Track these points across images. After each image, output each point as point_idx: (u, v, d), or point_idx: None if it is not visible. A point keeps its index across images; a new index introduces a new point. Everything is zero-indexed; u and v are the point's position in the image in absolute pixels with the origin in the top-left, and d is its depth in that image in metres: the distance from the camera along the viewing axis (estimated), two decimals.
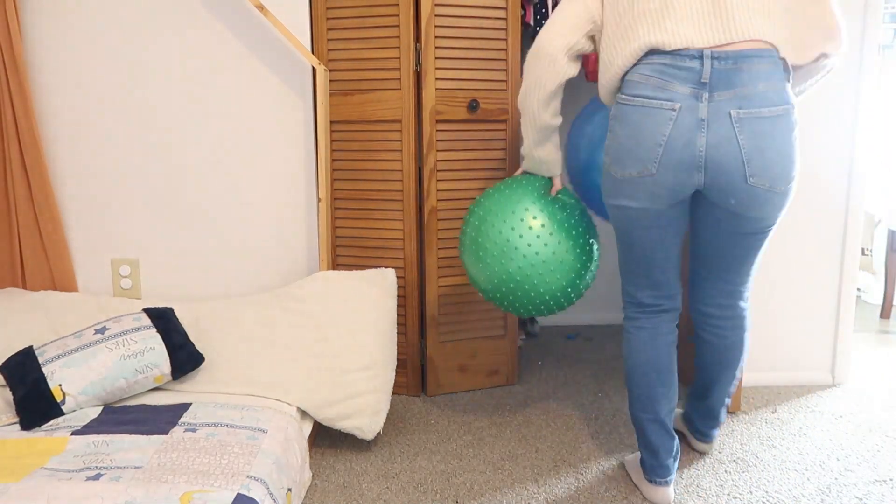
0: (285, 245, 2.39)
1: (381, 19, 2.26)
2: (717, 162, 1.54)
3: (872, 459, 1.98)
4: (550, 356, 2.88)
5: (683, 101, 1.53)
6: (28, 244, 2.27)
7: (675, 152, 1.54)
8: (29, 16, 2.22)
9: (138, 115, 2.29)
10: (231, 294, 2.40)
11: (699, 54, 1.52)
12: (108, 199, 2.33)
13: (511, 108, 2.38)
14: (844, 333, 2.52)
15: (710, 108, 1.52)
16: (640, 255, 1.73)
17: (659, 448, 1.76)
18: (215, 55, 2.27)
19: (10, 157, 2.21)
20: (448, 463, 1.98)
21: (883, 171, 3.75)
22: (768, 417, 2.27)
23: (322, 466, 1.95)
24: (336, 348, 1.99)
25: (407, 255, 2.36)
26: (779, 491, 1.82)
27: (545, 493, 1.81)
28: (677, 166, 1.56)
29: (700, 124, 1.53)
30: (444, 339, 2.44)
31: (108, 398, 1.80)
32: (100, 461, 1.46)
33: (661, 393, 1.77)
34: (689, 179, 1.57)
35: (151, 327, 1.90)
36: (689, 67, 1.53)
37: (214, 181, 2.34)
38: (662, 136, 1.54)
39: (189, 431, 1.61)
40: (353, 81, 2.32)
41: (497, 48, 2.33)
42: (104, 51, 2.25)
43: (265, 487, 1.42)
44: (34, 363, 1.76)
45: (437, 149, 2.32)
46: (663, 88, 1.55)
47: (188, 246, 2.37)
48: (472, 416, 2.29)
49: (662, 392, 1.77)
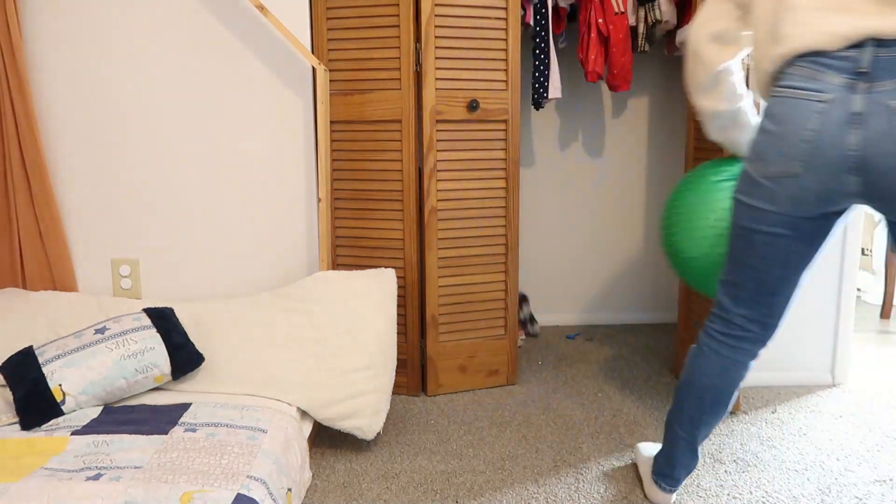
0: (285, 245, 2.39)
1: (381, 19, 2.26)
2: (876, 163, 1.32)
3: (872, 459, 1.98)
4: (550, 356, 2.88)
5: (836, 92, 1.33)
6: (28, 244, 2.27)
7: (822, 150, 1.35)
8: (29, 16, 2.22)
9: (138, 114, 2.29)
10: (231, 294, 2.40)
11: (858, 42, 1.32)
12: (108, 199, 2.33)
13: (511, 108, 2.38)
14: (844, 333, 2.52)
15: (868, 99, 1.30)
16: (755, 266, 1.52)
17: (679, 464, 1.71)
18: (215, 55, 2.27)
19: (10, 157, 2.21)
20: (448, 463, 1.98)
21: None
22: (768, 417, 2.27)
23: (322, 466, 1.95)
24: (336, 348, 1.99)
25: (407, 255, 2.36)
26: (779, 491, 1.82)
27: (545, 493, 1.81)
28: (823, 167, 1.36)
29: (853, 119, 1.32)
30: (444, 339, 2.44)
31: (108, 398, 1.80)
32: (100, 461, 1.46)
33: (707, 421, 1.67)
34: (840, 184, 1.36)
35: (151, 327, 1.90)
36: (845, 56, 1.33)
37: (214, 181, 2.34)
38: (810, 131, 1.36)
39: (189, 431, 1.61)
40: (353, 81, 2.32)
41: (497, 48, 2.33)
42: (104, 51, 2.25)
43: (265, 487, 1.41)
44: (34, 363, 1.76)
45: (437, 149, 2.32)
46: (814, 79, 1.36)
47: (188, 246, 2.37)
48: (472, 416, 2.29)
49: (708, 420, 1.66)
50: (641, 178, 3.32)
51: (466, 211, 2.39)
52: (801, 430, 2.17)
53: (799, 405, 2.37)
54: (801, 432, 2.16)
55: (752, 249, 1.51)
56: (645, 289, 3.38)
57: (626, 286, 3.37)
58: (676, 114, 3.27)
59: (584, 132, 3.24)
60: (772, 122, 1.42)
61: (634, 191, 3.32)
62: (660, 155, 3.31)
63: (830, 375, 2.55)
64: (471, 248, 2.42)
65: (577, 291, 3.35)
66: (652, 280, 3.38)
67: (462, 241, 2.40)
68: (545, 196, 3.28)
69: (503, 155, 2.41)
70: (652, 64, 3.22)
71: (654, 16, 2.79)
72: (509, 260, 2.47)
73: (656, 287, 3.38)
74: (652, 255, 3.36)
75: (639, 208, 3.34)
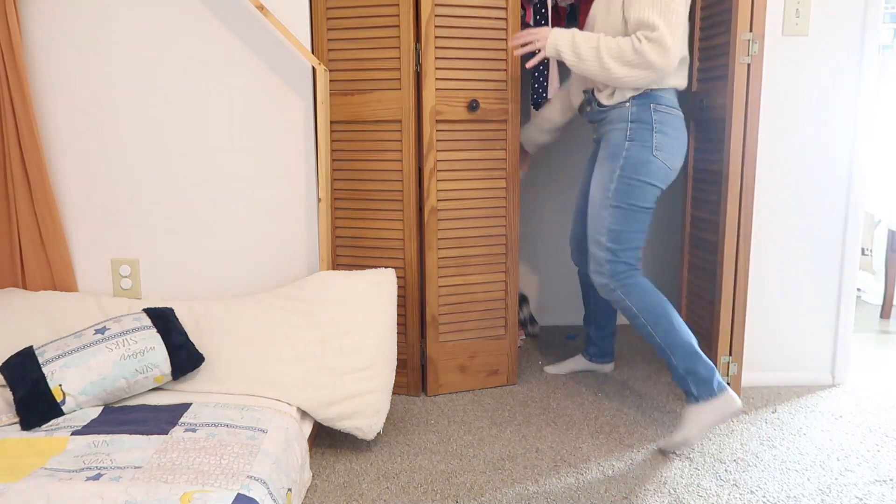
0: (285, 245, 2.39)
1: (381, 19, 2.26)
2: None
3: (872, 459, 1.98)
4: (550, 356, 2.88)
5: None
6: (28, 244, 2.27)
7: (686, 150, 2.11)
8: (29, 16, 2.22)
9: (138, 114, 2.29)
10: (231, 294, 2.40)
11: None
12: (108, 199, 2.33)
13: (511, 108, 2.38)
14: (844, 333, 2.52)
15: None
16: (645, 228, 2.08)
17: (702, 362, 1.99)
18: (215, 55, 2.27)
19: (10, 157, 2.21)
20: (448, 463, 1.98)
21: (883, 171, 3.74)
22: (768, 417, 2.27)
23: (322, 466, 1.95)
24: (336, 348, 1.99)
25: (407, 255, 2.36)
26: (779, 491, 1.82)
27: (545, 493, 1.81)
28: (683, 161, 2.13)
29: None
30: (444, 339, 2.44)
31: (108, 398, 1.80)
32: (100, 461, 1.46)
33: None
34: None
35: (151, 327, 1.90)
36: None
37: (214, 181, 2.34)
38: (685, 137, 2.10)
39: (189, 431, 1.61)
40: (353, 81, 2.32)
41: (497, 48, 2.33)
42: (104, 51, 2.25)
43: (265, 487, 1.42)
44: (34, 363, 1.76)
45: (437, 149, 2.32)
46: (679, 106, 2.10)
47: (188, 246, 2.37)
48: (472, 416, 2.29)
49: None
50: None
51: (466, 211, 2.39)
52: (801, 430, 2.17)
53: (799, 405, 2.37)
54: (801, 432, 2.16)
55: (647, 218, 2.08)
56: None
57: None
58: None
59: (584, 132, 3.24)
60: (674, 130, 2.04)
61: None
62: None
63: (830, 375, 2.55)
64: (471, 248, 2.42)
65: (577, 292, 3.35)
66: (652, 280, 3.38)
67: (462, 241, 2.40)
68: (545, 196, 3.28)
69: (503, 155, 2.41)
70: None
71: None
72: (509, 260, 2.47)
73: (656, 287, 3.38)
74: (652, 255, 3.36)
75: None
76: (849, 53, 2.39)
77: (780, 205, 2.47)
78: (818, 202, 2.46)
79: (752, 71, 2.15)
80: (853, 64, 2.39)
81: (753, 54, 2.13)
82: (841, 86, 2.41)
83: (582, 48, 1.97)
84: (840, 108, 2.41)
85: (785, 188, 2.46)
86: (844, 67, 2.40)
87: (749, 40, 2.13)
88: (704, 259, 2.41)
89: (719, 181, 2.28)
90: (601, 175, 2.09)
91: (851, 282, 2.50)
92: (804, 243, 2.48)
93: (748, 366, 2.54)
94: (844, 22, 2.37)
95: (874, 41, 2.37)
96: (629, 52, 1.92)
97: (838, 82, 2.40)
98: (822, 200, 2.46)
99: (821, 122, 2.42)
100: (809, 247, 2.48)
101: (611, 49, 1.94)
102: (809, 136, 2.42)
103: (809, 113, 2.41)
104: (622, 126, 2.05)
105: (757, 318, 2.52)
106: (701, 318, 2.43)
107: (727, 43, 2.20)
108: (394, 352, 2.09)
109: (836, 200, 2.46)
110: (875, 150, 3.76)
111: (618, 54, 1.93)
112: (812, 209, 2.46)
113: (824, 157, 2.44)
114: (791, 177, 2.45)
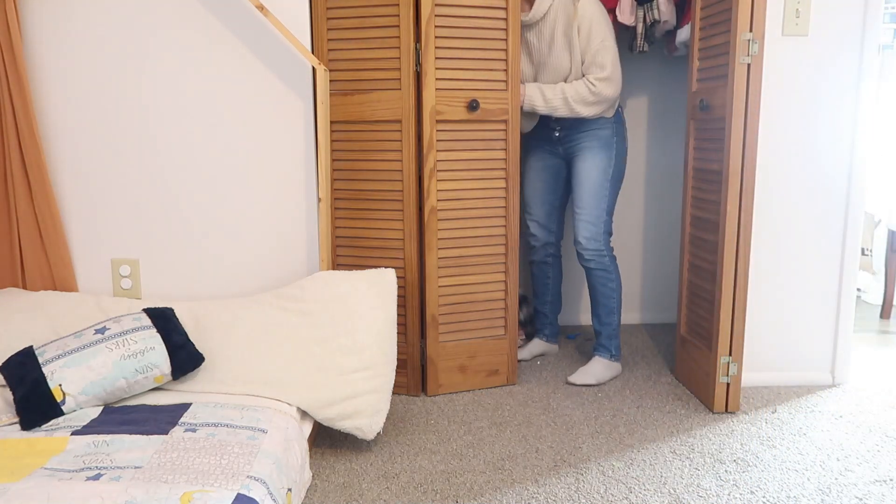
0: (285, 245, 2.39)
1: (381, 19, 2.26)
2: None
3: (872, 459, 1.98)
4: (550, 356, 2.88)
5: None
6: (28, 244, 2.27)
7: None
8: (29, 16, 2.22)
9: (138, 114, 2.29)
10: (231, 294, 2.40)
11: None
12: (108, 199, 2.33)
13: (511, 108, 2.38)
14: (844, 333, 2.52)
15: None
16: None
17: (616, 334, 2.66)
18: (215, 55, 2.27)
19: (10, 157, 2.21)
20: (448, 463, 1.98)
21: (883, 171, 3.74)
22: (768, 417, 2.27)
23: (322, 466, 1.95)
24: (336, 348, 1.99)
25: (407, 255, 2.36)
26: (779, 491, 1.82)
27: (545, 493, 1.81)
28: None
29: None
30: (444, 339, 2.44)
31: (108, 398, 1.80)
32: (100, 461, 1.46)
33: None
34: None
35: (151, 327, 1.90)
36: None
37: (214, 181, 2.34)
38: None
39: (189, 431, 1.61)
40: (353, 81, 2.32)
41: (497, 48, 2.33)
42: (104, 50, 2.25)
43: (265, 487, 1.42)
44: (34, 363, 1.76)
45: (437, 149, 2.32)
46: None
47: (188, 246, 2.37)
48: (472, 416, 2.29)
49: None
50: (641, 177, 3.32)
51: (466, 211, 2.39)
52: (801, 430, 2.17)
53: (799, 405, 2.37)
54: (801, 432, 2.16)
55: (619, 187, 2.69)
56: (645, 289, 3.38)
57: (626, 286, 3.37)
58: (676, 113, 3.27)
59: None
60: (624, 132, 2.61)
61: (634, 190, 3.32)
62: (659, 155, 3.31)
63: (830, 375, 2.55)
64: (471, 248, 2.42)
65: (577, 292, 3.35)
66: (652, 280, 3.38)
67: (462, 241, 2.40)
68: None
69: (503, 155, 2.41)
70: (651, 64, 3.22)
71: (652, 16, 2.79)
72: (509, 260, 2.47)
73: (656, 287, 3.39)
74: (652, 255, 3.36)
75: (638, 208, 3.34)
76: (849, 53, 2.39)
77: (779, 205, 2.47)
78: (818, 202, 2.46)
79: (752, 71, 2.14)
80: (853, 64, 2.39)
81: (753, 54, 2.13)
82: (841, 86, 2.41)
83: (553, 101, 2.44)
84: (840, 109, 2.41)
85: (785, 188, 2.46)
86: (844, 67, 2.40)
87: (749, 40, 2.13)
88: (704, 259, 2.41)
89: (719, 181, 2.28)
90: (598, 161, 2.52)
91: (851, 282, 2.50)
92: (804, 243, 2.48)
93: (748, 366, 2.54)
94: (844, 22, 2.37)
95: (874, 41, 2.37)
96: (588, 94, 2.41)
97: (838, 82, 2.40)
98: (822, 200, 2.46)
99: (821, 123, 2.42)
100: (809, 247, 2.48)
101: (574, 96, 2.42)
102: (809, 136, 2.42)
103: (809, 113, 2.41)
104: (608, 125, 2.53)
105: (757, 318, 2.52)
106: (701, 318, 2.43)
107: (727, 43, 2.20)
108: (394, 352, 2.09)
109: (836, 200, 2.46)
110: (875, 150, 3.76)
111: (581, 98, 2.42)
112: (812, 209, 2.46)
113: (824, 157, 2.44)
114: (791, 177, 2.45)
